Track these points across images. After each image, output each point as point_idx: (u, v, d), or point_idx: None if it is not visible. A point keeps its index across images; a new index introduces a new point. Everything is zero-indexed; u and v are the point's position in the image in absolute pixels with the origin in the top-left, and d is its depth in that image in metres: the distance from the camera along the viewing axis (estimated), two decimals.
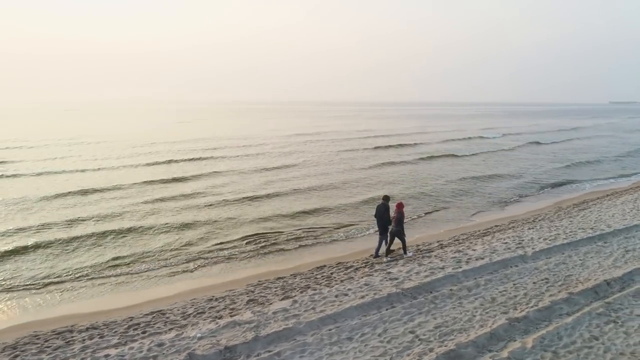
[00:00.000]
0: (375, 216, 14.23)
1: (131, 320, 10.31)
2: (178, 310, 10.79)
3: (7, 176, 29.15)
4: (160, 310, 10.79)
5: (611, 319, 9.24)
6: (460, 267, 12.05)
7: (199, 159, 38.25)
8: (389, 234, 13.93)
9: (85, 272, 14.04)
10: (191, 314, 10.43)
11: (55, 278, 13.56)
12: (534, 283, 11.10)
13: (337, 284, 11.56)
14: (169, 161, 36.73)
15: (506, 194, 25.10)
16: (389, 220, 13.95)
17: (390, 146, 48.77)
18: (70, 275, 13.79)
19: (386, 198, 14.43)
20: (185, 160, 37.41)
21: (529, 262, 12.53)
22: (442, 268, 12.08)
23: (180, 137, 57.82)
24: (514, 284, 11.02)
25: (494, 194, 25.25)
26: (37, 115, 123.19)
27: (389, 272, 12.00)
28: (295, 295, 10.81)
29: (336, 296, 10.45)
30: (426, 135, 64.21)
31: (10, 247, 15.92)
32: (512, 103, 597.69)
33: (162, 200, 23.19)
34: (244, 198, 23.63)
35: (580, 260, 12.64)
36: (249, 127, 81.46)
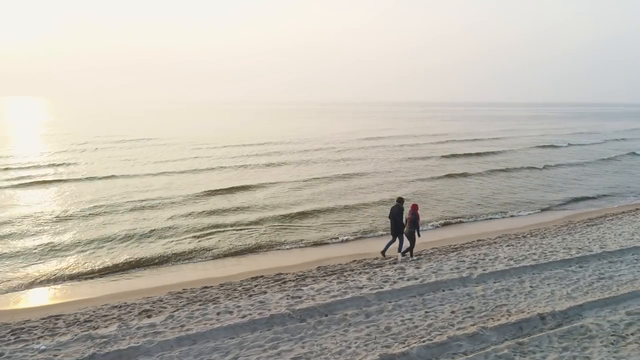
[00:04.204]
0: (390, 218, 14.35)
1: (25, 323, 10.19)
2: (75, 316, 10.55)
3: (46, 182, 31.06)
4: (58, 315, 10.61)
5: None
6: (382, 288, 10.73)
7: (250, 166, 35.81)
8: (404, 235, 13.99)
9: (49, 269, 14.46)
10: (80, 321, 10.13)
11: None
12: (452, 312, 9.56)
13: (239, 299, 10.76)
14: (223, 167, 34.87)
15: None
16: (402, 222, 14.03)
17: (469, 154, 43.05)
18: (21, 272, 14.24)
19: (400, 200, 14.48)
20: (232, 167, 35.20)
21: (468, 286, 10.89)
22: (360, 287, 10.83)
23: (243, 140, 55.01)
24: (426, 312, 9.55)
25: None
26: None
27: (300, 289, 10.98)
28: (182, 309, 10.18)
29: (218, 313, 9.66)
30: (507, 141, 56.89)
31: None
32: (587, 104, 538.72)
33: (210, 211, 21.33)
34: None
35: (531, 287, 10.77)
36: (321, 128, 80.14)
